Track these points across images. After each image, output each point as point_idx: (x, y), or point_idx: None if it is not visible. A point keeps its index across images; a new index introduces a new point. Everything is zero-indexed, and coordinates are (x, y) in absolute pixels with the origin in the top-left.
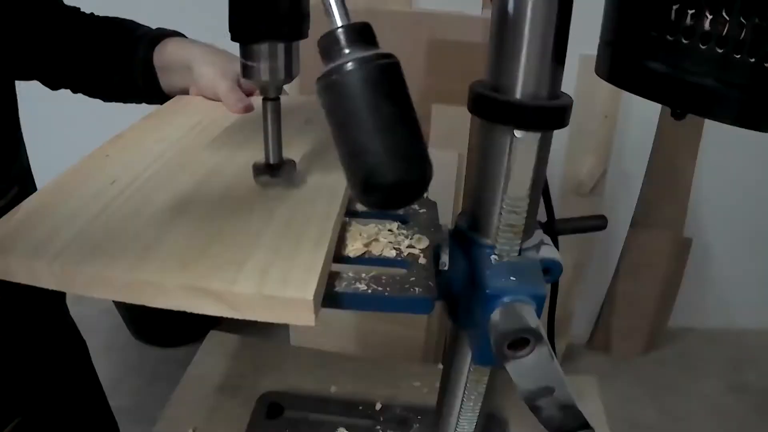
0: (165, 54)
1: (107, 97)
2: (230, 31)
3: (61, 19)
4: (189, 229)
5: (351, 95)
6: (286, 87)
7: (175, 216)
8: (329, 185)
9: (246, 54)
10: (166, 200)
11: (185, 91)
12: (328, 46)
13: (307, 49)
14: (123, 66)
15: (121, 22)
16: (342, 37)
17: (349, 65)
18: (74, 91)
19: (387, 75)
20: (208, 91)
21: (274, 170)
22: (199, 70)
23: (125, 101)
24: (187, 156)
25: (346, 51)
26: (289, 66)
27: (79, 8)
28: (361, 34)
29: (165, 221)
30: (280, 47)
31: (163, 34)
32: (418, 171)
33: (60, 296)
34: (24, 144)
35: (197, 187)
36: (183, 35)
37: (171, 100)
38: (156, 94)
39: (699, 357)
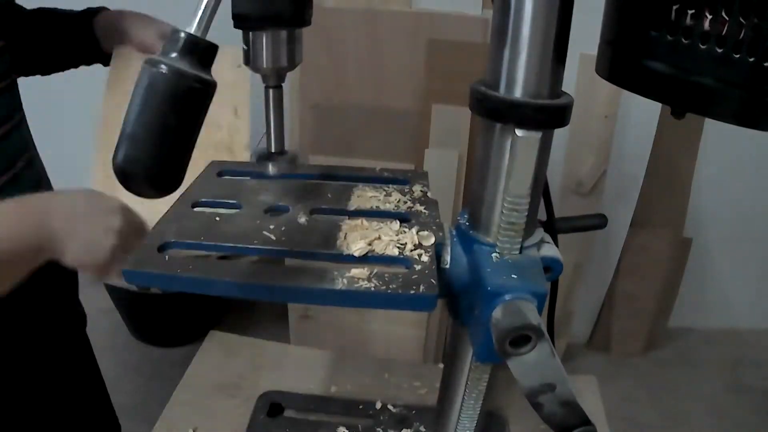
0: (103, 21)
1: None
2: (233, 18)
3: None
4: None
5: (152, 91)
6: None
7: None
8: None
9: (248, 41)
10: None
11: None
12: (170, 41)
13: (307, 51)
14: (71, 37)
15: (61, 10)
16: (180, 44)
17: (164, 69)
18: (43, 74)
19: (190, 98)
20: (135, 41)
21: (275, 158)
22: (136, 33)
23: (75, 67)
24: None
25: (173, 55)
26: (292, 53)
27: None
28: (199, 52)
29: None
30: (283, 35)
31: (102, 8)
32: (165, 176)
33: (73, 288)
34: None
35: None
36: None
37: (113, 56)
38: (98, 57)
39: (699, 357)
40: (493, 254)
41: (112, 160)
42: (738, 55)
